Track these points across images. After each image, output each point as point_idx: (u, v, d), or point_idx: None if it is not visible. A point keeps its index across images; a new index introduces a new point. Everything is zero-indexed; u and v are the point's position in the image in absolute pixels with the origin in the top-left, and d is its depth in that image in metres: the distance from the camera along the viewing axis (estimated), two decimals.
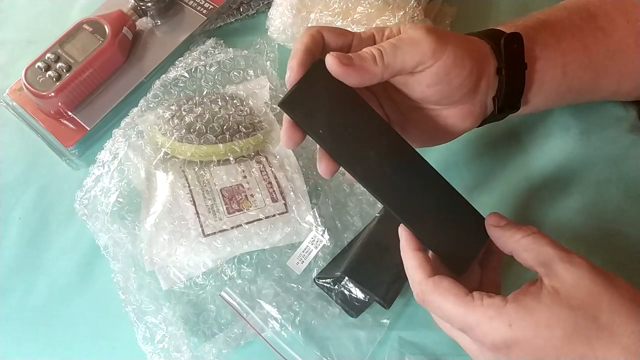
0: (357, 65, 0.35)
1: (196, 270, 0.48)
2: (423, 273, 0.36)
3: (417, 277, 0.36)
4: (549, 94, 0.46)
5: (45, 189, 0.57)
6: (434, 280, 0.35)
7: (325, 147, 0.37)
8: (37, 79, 0.57)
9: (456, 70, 0.38)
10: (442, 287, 0.34)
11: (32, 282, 0.52)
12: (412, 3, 0.54)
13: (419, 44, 0.36)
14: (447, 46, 0.37)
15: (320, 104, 0.36)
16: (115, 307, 0.48)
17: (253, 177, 0.51)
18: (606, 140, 0.52)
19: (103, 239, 0.50)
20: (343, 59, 0.35)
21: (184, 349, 0.45)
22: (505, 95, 0.42)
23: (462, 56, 0.38)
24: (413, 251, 0.37)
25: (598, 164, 0.51)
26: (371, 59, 0.36)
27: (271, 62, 0.60)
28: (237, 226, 0.48)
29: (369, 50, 0.36)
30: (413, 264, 0.37)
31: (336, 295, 0.47)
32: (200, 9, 0.64)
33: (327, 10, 0.56)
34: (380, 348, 0.46)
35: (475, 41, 0.41)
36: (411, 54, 0.36)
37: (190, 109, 0.53)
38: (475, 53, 0.40)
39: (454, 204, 0.38)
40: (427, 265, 0.36)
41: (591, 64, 0.46)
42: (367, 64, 0.35)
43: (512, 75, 0.42)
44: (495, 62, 0.41)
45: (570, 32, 0.46)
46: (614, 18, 0.46)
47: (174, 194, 0.49)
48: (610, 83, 0.48)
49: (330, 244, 0.49)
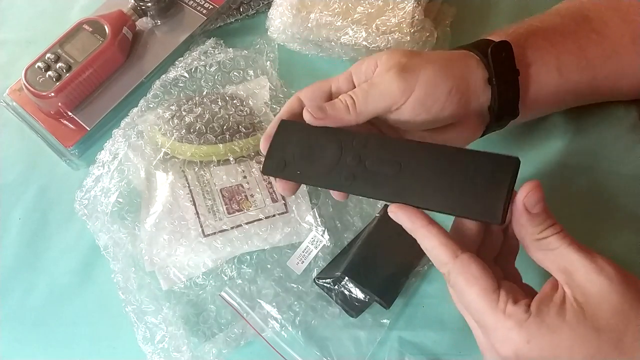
0: (330, 115, 0.38)
1: (196, 270, 0.48)
2: (447, 252, 0.33)
3: (442, 258, 0.33)
4: (548, 97, 0.46)
5: (45, 189, 0.57)
6: (462, 261, 0.32)
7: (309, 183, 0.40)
8: (37, 79, 0.57)
9: (432, 98, 0.39)
10: (469, 273, 0.32)
11: (32, 282, 0.52)
12: (412, 3, 0.54)
13: (388, 88, 0.38)
14: (416, 80, 0.38)
15: (293, 151, 0.39)
16: (115, 307, 0.48)
17: (253, 177, 0.51)
18: (606, 140, 0.52)
19: (103, 239, 0.50)
20: (317, 113, 0.38)
21: (184, 349, 0.45)
22: (501, 103, 0.42)
23: (436, 82, 0.39)
24: (427, 227, 0.33)
25: (598, 164, 0.51)
26: (344, 109, 0.38)
27: (271, 62, 0.60)
28: (237, 226, 0.49)
29: (342, 99, 0.39)
30: (432, 243, 0.33)
31: (336, 295, 0.47)
32: (200, 9, 0.64)
33: (327, 10, 0.56)
34: (380, 348, 0.46)
35: (456, 58, 0.42)
36: (382, 99, 0.38)
37: (190, 109, 0.53)
38: (455, 71, 0.40)
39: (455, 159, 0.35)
40: (448, 241, 0.33)
41: (588, 65, 0.46)
42: (340, 113, 0.38)
43: (505, 83, 0.42)
44: (484, 72, 0.41)
45: (562, 35, 0.46)
46: (608, 20, 0.46)
47: (174, 194, 0.50)
48: (609, 84, 0.48)
49: (330, 244, 0.49)
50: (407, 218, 0.34)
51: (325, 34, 0.57)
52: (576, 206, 0.50)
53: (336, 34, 0.57)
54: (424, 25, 0.55)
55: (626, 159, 0.51)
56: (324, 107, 0.39)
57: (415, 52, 0.42)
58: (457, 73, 0.40)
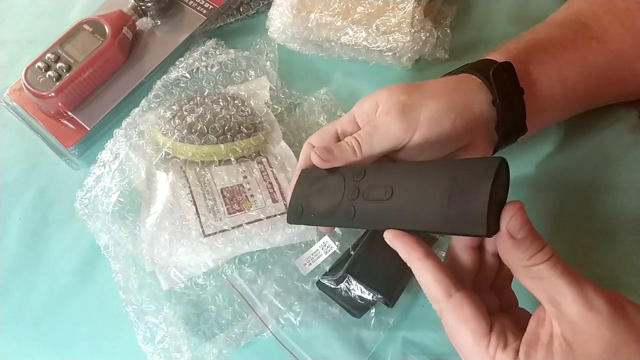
0: (338, 157, 0.39)
1: (197, 270, 0.48)
2: (441, 289, 0.32)
3: (435, 295, 0.32)
4: (554, 110, 0.46)
5: (45, 189, 0.57)
6: (455, 302, 0.32)
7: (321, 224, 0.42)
8: (37, 79, 0.57)
9: (436, 133, 0.39)
10: (462, 315, 0.31)
11: (32, 282, 0.52)
12: (412, 3, 0.54)
13: (391, 130, 0.39)
14: (418, 118, 0.39)
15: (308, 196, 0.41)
16: (115, 307, 0.48)
17: (254, 177, 0.51)
18: (606, 140, 0.52)
19: (103, 239, 0.49)
20: (324, 154, 0.39)
21: (185, 349, 0.45)
22: (508, 123, 0.43)
23: (439, 118, 0.39)
24: (423, 260, 0.33)
25: (598, 164, 0.51)
26: (351, 152, 0.40)
27: (271, 62, 0.60)
28: (237, 226, 0.48)
29: (349, 142, 0.40)
30: (426, 278, 0.32)
31: (339, 295, 0.47)
32: (200, 9, 0.64)
33: (327, 10, 0.56)
34: (383, 348, 0.46)
35: (458, 85, 0.42)
36: (386, 141, 0.40)
37: (192, 109, 0.53)
38: (457, 100, 0.40)
39: (441, 173, 0.32)
40: (443, 278, 0.32)
41: (590, 73, 0.46)
42: (347, 155, 0.40)
43: (510, 104, 0.42)
44: (488, 95, 0.42)
45: (563, 46, 0.46)
46: (607, 25, 0.46)
47: (174, 194, 0.49)
48: (614, 89, 0.48)
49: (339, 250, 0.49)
50: (403, 248, 0.34)
51: (325, 34, 0.57)
52: (576, 206, 0.50)
53: (336, 34, 0.57)
54: (424, 25, 0.55)
55: (626, 159, 0.51)
56: (330, 149, 0.40)
57: (414, 86, 0.42)
58: (460, 102, 0.40)
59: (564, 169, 0.51)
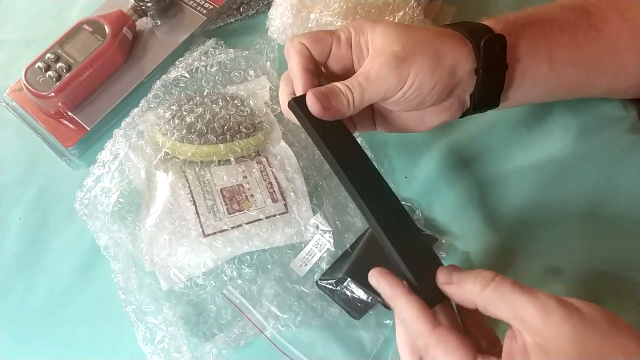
0: (334, 107, 0.39)
1: (196, 270, 0.48)
2: (426, 323, 0.33)
3: (419, 329, 0.33)
4: (535, 88, 0.46)
5: (45, 189, 0.57)
6: (440, 334, 0.32)
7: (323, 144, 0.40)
8: (37, 79, 0.57)
9: (415, 92, 0.40)
10: (448, 345, 0.32)
11: (32, 282, 0.52)
12: (412, 3, 0.54)
13: (383, 83, 0.40)
14: (408, 73, 0.39)
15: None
16: (115, 307, 0.48)
17: (253, 177, 0.51)
18: (606, 141, 0.52)
19: (103, 239, 0.50)
20: (323, 101, 0.39)
21: (184, 349, 0.45)
22: (483, 94, 0.43)
23: (424, 78, 0.40)
24: (407, 296, 0.34)
25: (598, 164, 0.51)
26: (346, 104, 0.40)
27: (271, 62, 0.60)
28: (237, 226, 0.48)
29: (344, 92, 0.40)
30: (411, 313, 0.33)
31: (338, 297, 0.47)
32: (200, 9, 0.64)
33: (327, 10, 0.56)
34: (384, 348, 0.46)
35: (449, 46, 0.41)
36: (377, 94, 0.40)
37: (191, 109, 0.53)
38: (445, 63, 0.41)
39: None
40: (427, 313, 0.33)
41: (582, 61, 0.46)
42: (342, 107, 0.40)
43: (491, 76, 0.43)
44: (473, 63, 0.42)
45: (560, 28, 0.46)
46: (608, 16, 0.46)
47: (174, 194, 0.49)
48: (604, 81, 0.48)
49: (334, 247, 0.49)
50: (388, 284, 0.35)
51: None
52: (575, 206, 0.50)
53: None
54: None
55: (626, 159, 0.51)
56: (329, 98, 0.39)
57: (408, 31, 0.41)
58: (447, 65, 0.41)
59: (563, 168, 0.51)
